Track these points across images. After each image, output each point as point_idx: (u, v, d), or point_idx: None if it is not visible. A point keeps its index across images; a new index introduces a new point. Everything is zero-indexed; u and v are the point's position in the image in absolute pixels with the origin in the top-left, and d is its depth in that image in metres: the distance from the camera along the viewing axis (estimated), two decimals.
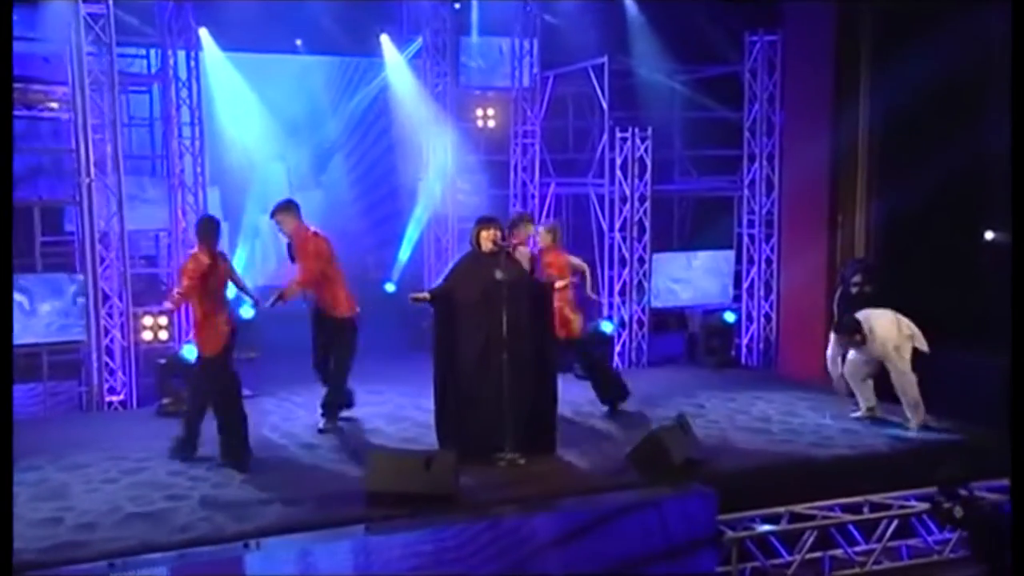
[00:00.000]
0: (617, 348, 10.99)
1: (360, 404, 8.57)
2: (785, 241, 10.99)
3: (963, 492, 5.39)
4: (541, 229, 9.03)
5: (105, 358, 9.48)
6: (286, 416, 8.77)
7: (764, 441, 7.94)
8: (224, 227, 13.02)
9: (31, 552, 5.50)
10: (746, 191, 11.45)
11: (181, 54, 10.95)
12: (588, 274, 9.15)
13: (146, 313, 10.02)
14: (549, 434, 7.58)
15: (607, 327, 10.43)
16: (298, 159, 15.17)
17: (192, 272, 7.12)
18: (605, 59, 11.01)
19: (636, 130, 10.84)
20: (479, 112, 13.40)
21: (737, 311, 11.37)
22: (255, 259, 13.14)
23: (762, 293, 11.38)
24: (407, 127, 12.65)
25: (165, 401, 8.83)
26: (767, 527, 6.79)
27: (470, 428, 7.23)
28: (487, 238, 7.37)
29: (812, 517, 7.00)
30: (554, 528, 6.13)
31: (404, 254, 13.03)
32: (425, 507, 6.14)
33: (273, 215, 8.18)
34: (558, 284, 8.07)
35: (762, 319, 11.40)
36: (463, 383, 7.28)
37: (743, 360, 11.43)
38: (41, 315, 9.32)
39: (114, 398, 9.50)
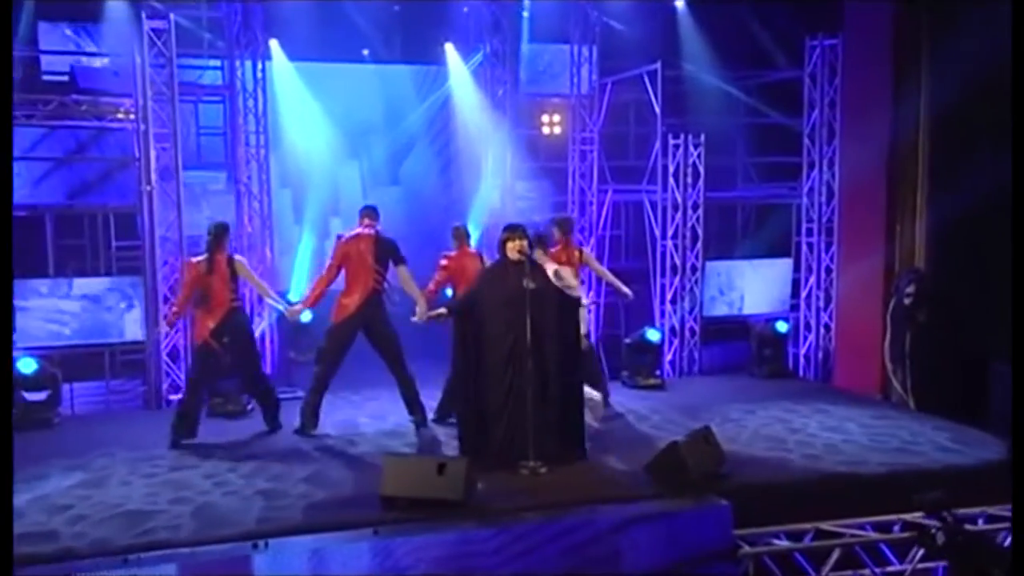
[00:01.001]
0: (668, 356, 10.88)
1: (392, 408, 8.69)
2: (842, 249, 10.71)
3: (947, 517, 5.15)
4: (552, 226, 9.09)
5: (165, 358, 9.87)
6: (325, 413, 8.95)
7: (795, 455, 7.68)
8: (295, 230, 13.70)
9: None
10: (805, 198, 11.19)
11: (249, 64, 11.37)
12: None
13: None
14: (579, 443, 7.55)
15: (653, 335, 10.31)
16: (372, 159, 15.36)
17: (184, 284, 8.21)
18: (658, 65, 10.90)
19: (689, 137, 10.72)
20: (545, 118, 13.42)
21: (792, 320, 11.10)
22: (324, 260, 13.40)
23: (821, 303, 11.10)
24: (468, 134, 12.76)
25: (215, 400, 9.11)
26: (786, 543, 6.62)
27: (494, 437, 7.23)
28: (513, 248, 7.38)
29: (840, 535, 6.80)
30: (561, 538, 6.10)
31: None
32: (436, 512, 6.20)
33: None
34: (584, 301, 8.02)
35: (821, 329, 11.13)
36: (487, 392, 7.26)
37: (801, 371, 11.16)
38: (105, 316, 9.81)
39: (175, 396, 9.88)
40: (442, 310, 7.54)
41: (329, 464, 7.45)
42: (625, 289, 9.09)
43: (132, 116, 10.02)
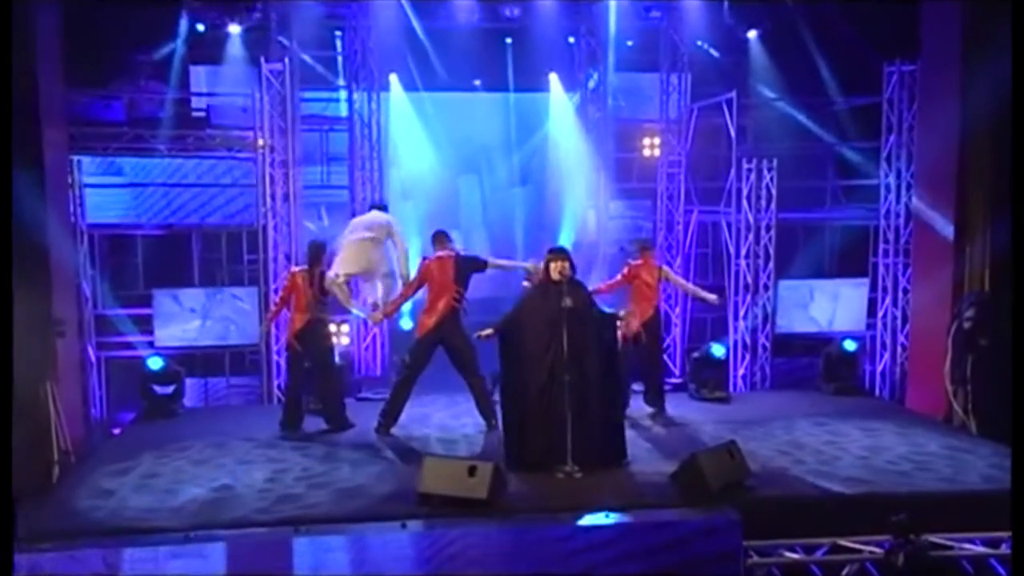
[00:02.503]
0: (740, 371, 10.82)
1: (467, 411, 9.08)
2: (915, 270, 10.36)
3: (913, 540, 5.01)
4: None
5: (276, 357, 10.65)
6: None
7: (816, 472, 7.43)
8: (416, 241, 14.33)
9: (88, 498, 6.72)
10: (882, 220, 10.89)
11: (365, 96, 12.10)
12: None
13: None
14: (618, 450, 7.73)
15: (718, 350, 10.26)
16: (493, 171, 15.66)
17: (283, 290, 9.06)
18: (734, 93, 10.89)
19: (765, 161, 10.67)
20: (646, 141, 13.51)
21: (860, 340, 10.80)
22: None
23: (898, 323, 10.77)
24: (567, 159, 13.04)
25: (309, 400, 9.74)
26: (797, 555, 6.57)
27: (534, 445, 7.43)
28: (555, 269, 7.60)
29: (858, 551, 6.67)
30: (568, 540, 6.25)
31: None
32: (464, 510, 6.49)
33: None
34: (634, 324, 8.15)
35: (898, 348, 10.79)
36: (529, 404, 7.46)
37: (876, 390, 10.86)
38: (237, 320, 10.74)
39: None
40: (489, 330, 7.75)
41: (390, 462, 7.88)
42: (709, 296, 9.26)
43: (255, 147, 10.92)
